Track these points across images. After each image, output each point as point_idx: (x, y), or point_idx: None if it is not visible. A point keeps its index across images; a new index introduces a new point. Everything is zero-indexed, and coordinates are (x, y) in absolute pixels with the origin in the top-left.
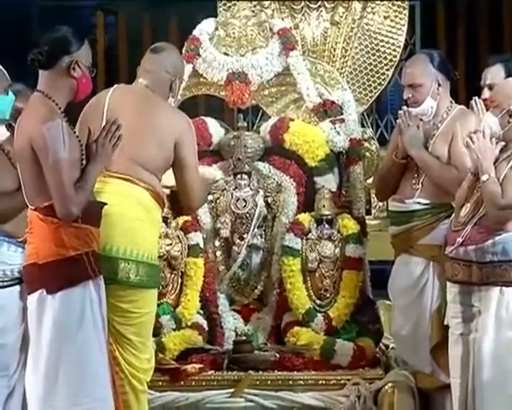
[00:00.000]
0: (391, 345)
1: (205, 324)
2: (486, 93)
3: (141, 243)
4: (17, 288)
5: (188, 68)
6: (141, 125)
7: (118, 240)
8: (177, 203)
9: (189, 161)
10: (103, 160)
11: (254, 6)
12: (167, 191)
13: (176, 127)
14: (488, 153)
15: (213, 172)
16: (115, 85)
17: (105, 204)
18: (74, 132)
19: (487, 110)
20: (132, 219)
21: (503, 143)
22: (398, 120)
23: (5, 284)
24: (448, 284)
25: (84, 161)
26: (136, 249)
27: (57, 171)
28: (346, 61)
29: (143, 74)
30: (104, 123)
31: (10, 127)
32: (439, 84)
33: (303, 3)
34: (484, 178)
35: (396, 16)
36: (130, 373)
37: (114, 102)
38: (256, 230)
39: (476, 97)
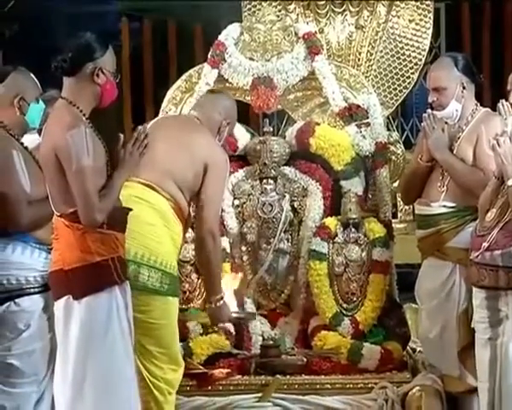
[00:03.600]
0: (418, 348)
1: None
2: None
3: (154, 248)
4: (46, 294)
5: (213, 73)
6: (178, 141)
7: (128, 242)
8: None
9: (213, 186)
10: (130, 167)
11: (279, 10)
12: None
13: (209, 150)
14: None
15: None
16: (171, 115)
17: (130, 209)
18: (100, 139)
19: None
20: (144, 223)
21: None
22: (422, 124)
23: (36, 290)
24: (474, 289)
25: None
26: (148, 253)
27: (81, 178)
28: (372, 65)
29: (196, 108)
30: None
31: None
32: (464, 87)
33: (328, 7)
34: (509, 182)
35: (421, 19)
36: (152, 383)
37: (160, 120)
38: (282, 234)
39: (503, 100)
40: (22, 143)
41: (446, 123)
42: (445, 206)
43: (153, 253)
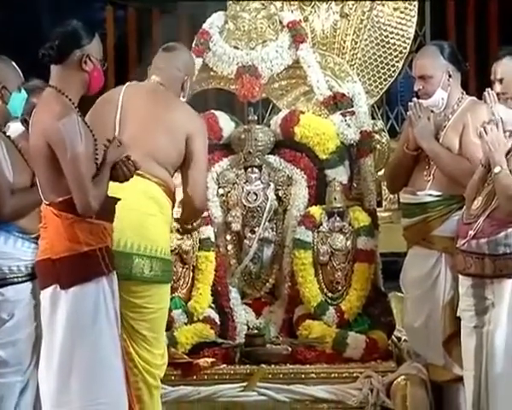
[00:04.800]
0: (403, 337)
1: (217, 317)
2: (498, 87)
3: (154, 238)
4: (30, 284)
5: (198, 62)
6: (154, 120)
7: (132, 236)
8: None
9: (198, 157)
10: (116, 155)
11: None
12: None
13: (188, 123)
14: (501, 145)
15: None
16: (128, 83)
17: (118, 199)
18: (88, 127)
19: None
20: (146, 214)
21: None
22: (408, 112)
23: (19, 279)
24: (460, 277)
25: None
26: (150, 245)
27: (76, 165)
28: (356, 54)
29: (156, 72)
30: (118, 120)
31: (25, 122)
32: (450, 76)
33: None
34: (496, 170)
35: (406, 8)
36: (145, 369)
37: (128, 98)
38: (267, 223)
39: (489, 89)
40: (4, 132)
41: (432, 111)
42: (430, 194)
43: (154, 243)
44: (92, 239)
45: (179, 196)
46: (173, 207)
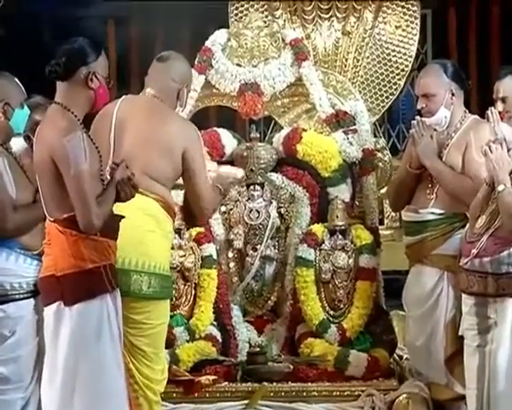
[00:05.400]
0: (405, 356)
1: (218, 335)
2: (500, 105)
3: (153, 254)
4: (32, 300)
5: (200, 79)
6: (149, 136)
7: (130, 252)
8: (189, 215)
9: (198, 170)
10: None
11: (266, 16)
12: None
13: (183, 136)
14: (505, 163)
15: (235, 171)
16: (123, 96)
17: (123, 217)
18: (94, 144)
19: None
20: (143, 230)
21: None
22: (411, 130)
23: (21, 296)
24: (463, 295)
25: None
26: (148, 261)
27: (79, 183)
28: (358, 71)
29: (150, 84)
30: (112, 138)
31: (28, 139)
32: (453, 94)
33: (315, 13)
34: (500, 188)
35: (407, 26)
36: (145, 384)
37: (122, 114)
38: (269, 241)
39: (492, 108)
40: (7, 149)
41: (435, 130)
42: (433, 213)
43: (152, 260)
44: (96, 256)
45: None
46: (173, 221)
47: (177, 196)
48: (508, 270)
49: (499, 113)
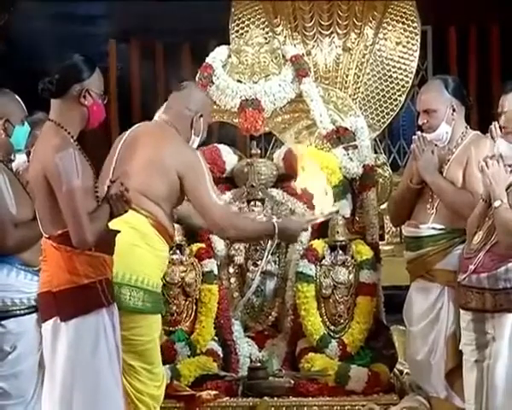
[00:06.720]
0: (405, 370)
1: (219, 350)
2: (503, 120)
3: (137, 268)
4: (34, 316)
5: None
6: (147, 156)
7: (115, 265)
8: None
9: (197, 190)
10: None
11: (267, 33)
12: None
13: (178, 157)
14: (501, 179)
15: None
16: (142, 123)
17: (118, 232)
18: (87, 161)
19: None
20: (126, 243)
21: None
22: (412, 146)
23: (22, 312)
24: (461, 311)
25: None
26: (129, 274)
27: (71, 200)
28: (359, 88)
29: (166, 110)
30: (115, 159)
31: (29, 155)
32: (454, 110)
33: (315, 30)
34: (496, 204)
35: (408, 42)
36: (136, 397)
37: (131, 135)
38: (270, 256)
39: (495, 123)
40: (7, 166)
41: (436, 145)
42: (433, 228)
43: (134, 272)
44: (92, 271)
45: None
46: (167, 241)
47: None
48: (505, 285)
49: (500, 127)
